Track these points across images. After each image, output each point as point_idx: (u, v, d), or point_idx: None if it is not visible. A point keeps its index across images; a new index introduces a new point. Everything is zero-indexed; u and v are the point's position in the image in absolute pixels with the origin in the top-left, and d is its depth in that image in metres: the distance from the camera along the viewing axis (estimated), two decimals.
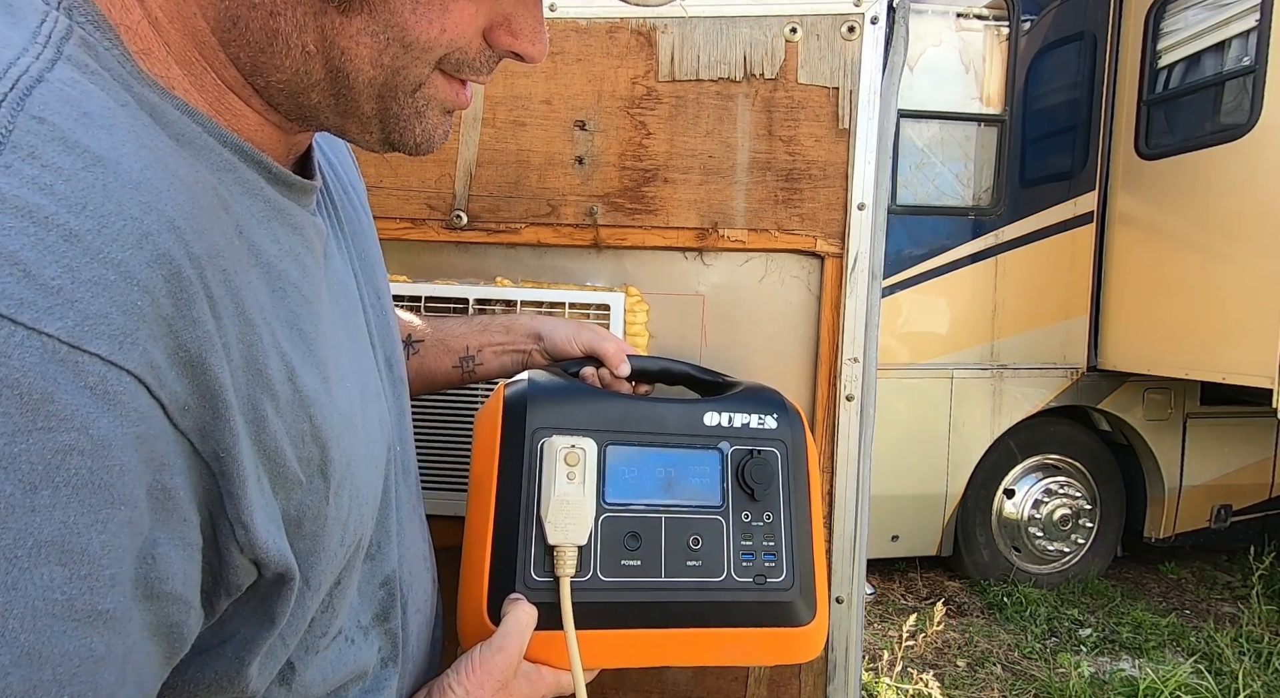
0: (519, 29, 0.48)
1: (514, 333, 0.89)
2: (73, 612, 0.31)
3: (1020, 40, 3.69)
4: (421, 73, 0.46)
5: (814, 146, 1.04)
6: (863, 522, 1.05)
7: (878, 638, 3.38)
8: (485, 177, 1.08)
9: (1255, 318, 3.06)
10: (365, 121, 0.47)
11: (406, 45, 0.44)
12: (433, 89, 0.47)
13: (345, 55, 0.43)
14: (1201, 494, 4.00)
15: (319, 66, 0.43)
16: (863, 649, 1.24)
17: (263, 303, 0.43)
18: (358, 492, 0.50)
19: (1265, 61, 3.10)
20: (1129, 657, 3.38)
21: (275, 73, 0.44)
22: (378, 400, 0.58)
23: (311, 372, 0.46)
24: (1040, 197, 3.78)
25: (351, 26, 0.42)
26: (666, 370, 0.89)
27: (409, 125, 0.48)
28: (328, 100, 0.45)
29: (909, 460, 3.71)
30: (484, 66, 0.49)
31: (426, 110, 0.48)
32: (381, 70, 0.44)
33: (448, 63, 0.47)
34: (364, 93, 0.45)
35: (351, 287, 0.59)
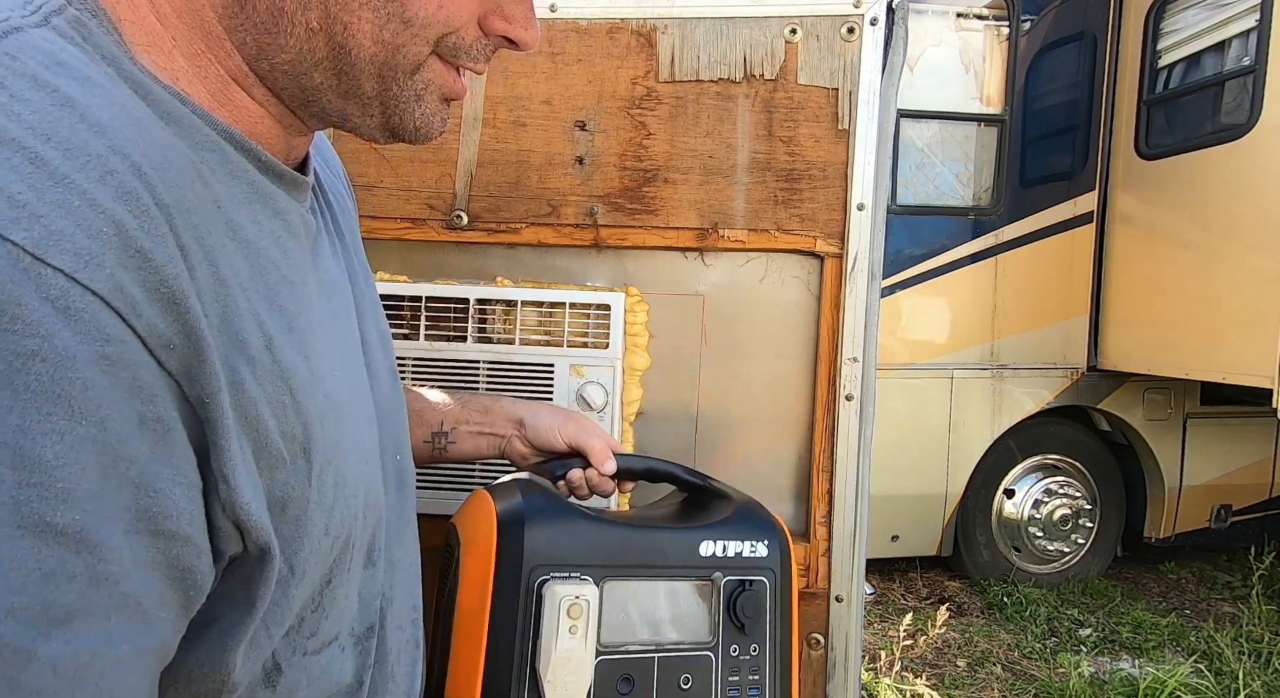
0: (511, 15, 0.50)
1: (493, 415, 0.86)
2: (19, 518, 0.31)
3: (1020, 40, 3.69)
4: (420, 52, 0.47)
5: (814, 147, 1.04)
6: (862, 522, 1.05)
7: (878, 638, 3.38)
8: (486, 176, 1.09)
9: (1255, 318, 3.06)
10: (367, 102, 0.48)
11: (406, 21, 0.45)
12: (431, 73, 0.49)
13: (348, 31, 0.44)
14: (1201, 494, 4.00)
15: (322, 44, 0.45)
16: (862, 649, 1.24)
17: (239, 271, 0.42)
18: (344, 481, 0.49)
19: (1265, 61, 3.10)
20: (1129, 657, 3.38)
21: (280, 53, 0.45)
22: (368, 401, 0.57)
23: (292, 347, 0.45)
24: (1040, 196, 3.78)
25: (354, 2, 0.44)
26: (652, 470, 0.88)
27: (409, 108, 0.49)
28: (330, 80, 0.46)
29: (909, 460, 3.71)
30: (480, 53, 0.50)
31: (425, 94, 0.49)
32: (382, 47, 0.45)
33: (444, 47, 0.48)
34: (365, 70, 0.46)
35: (346, 291, 0.58)
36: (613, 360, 1.06)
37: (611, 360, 1.06)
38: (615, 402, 1.06)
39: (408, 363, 1.06)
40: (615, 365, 1.06)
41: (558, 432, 0.85)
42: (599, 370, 1.06)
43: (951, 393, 3.72)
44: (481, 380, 1.06)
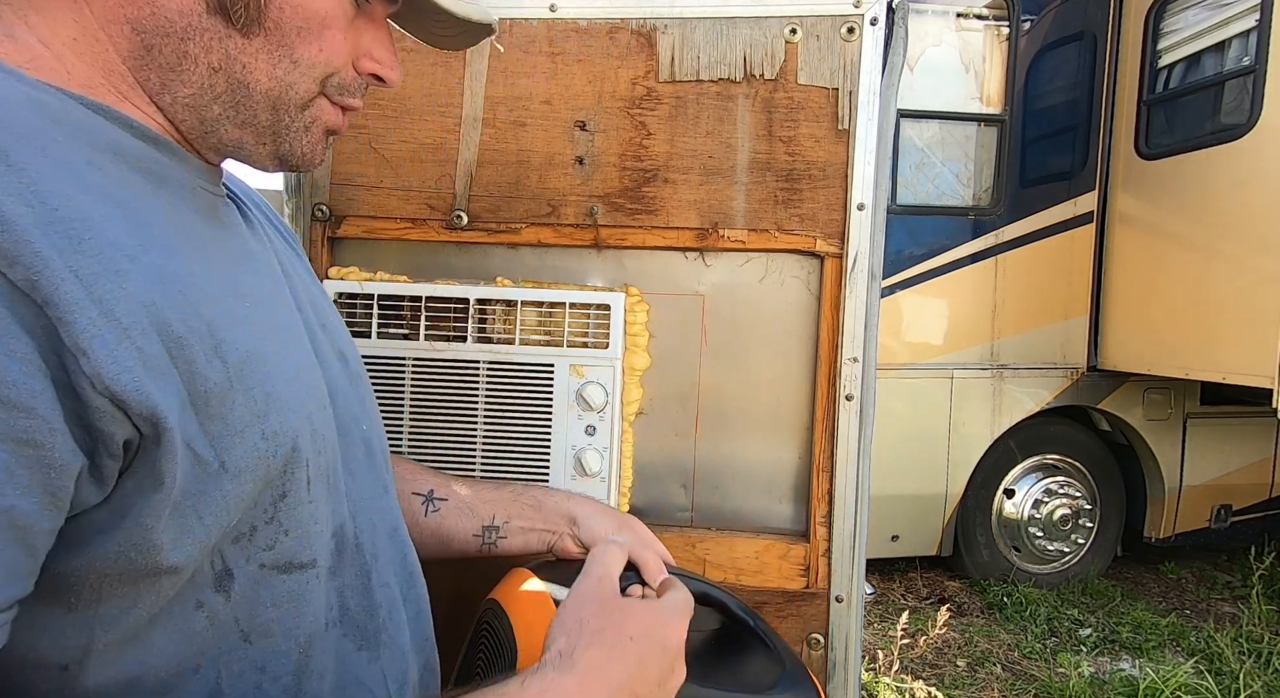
0: (380, 58, 0.59)
1: (546, 511, 0.86)
2: None
3: (1020, 40, 3.69)
4: (308, 89, 0.55)
5: (814, 147, 1.04)
6: (862, 522, 1.05)
7: (878, 638, 3.38)
8: (485, 176, 1.09)
9: (1255, 318, 3.06)
10: (261, 132, 0.55)
11: (294, 61, 0.54)
12: (319, 111, 0.57)
13: (246, 69, 0.52)
14: (1201, 494, 4.00)
15: (222, 81, 0.52)
16: (862, 649, 1.24)
17: (118, 195, 0.47)
18: (277, 394, 0.53)
19: (1265, 61, 3.10)
20: (1129, 657, 3.38)
21: (183, 88, 0.52)
22: (305, 350, 0.61)
23: (176, 258, 0.49)
24: (1040, 196, 3.77)
25: (251, 46, 0.52)
26: (706, 595, 0.84)
27: (298, 138, 0.57)
28: (228, 111, 0.54)
29: (909, 460, 3.71)
30: (357, 90, 0.59)
31: (313, 127, 0.57)
32: (276, 82, 0.54)
33: (331, 86, 0.57)
34: (261, 102, 0.54)
35: (270, 264, 0.62)
36: (613, 360, 1.06)
37: (611, 360, 1.06)
38: (615, 402, 1.06)
39: (407, 363, 1.06)
40: (615, 365, 1.06)
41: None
42: (599, 370, 1.06)
43: (951, 393, 3.72)
44: (481, 380, 1.06)
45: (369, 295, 1.07)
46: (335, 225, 1.11)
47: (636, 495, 1.11)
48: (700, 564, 1.07)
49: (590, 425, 1.06)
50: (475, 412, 1.06)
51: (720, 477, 1.11)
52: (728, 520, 1.11)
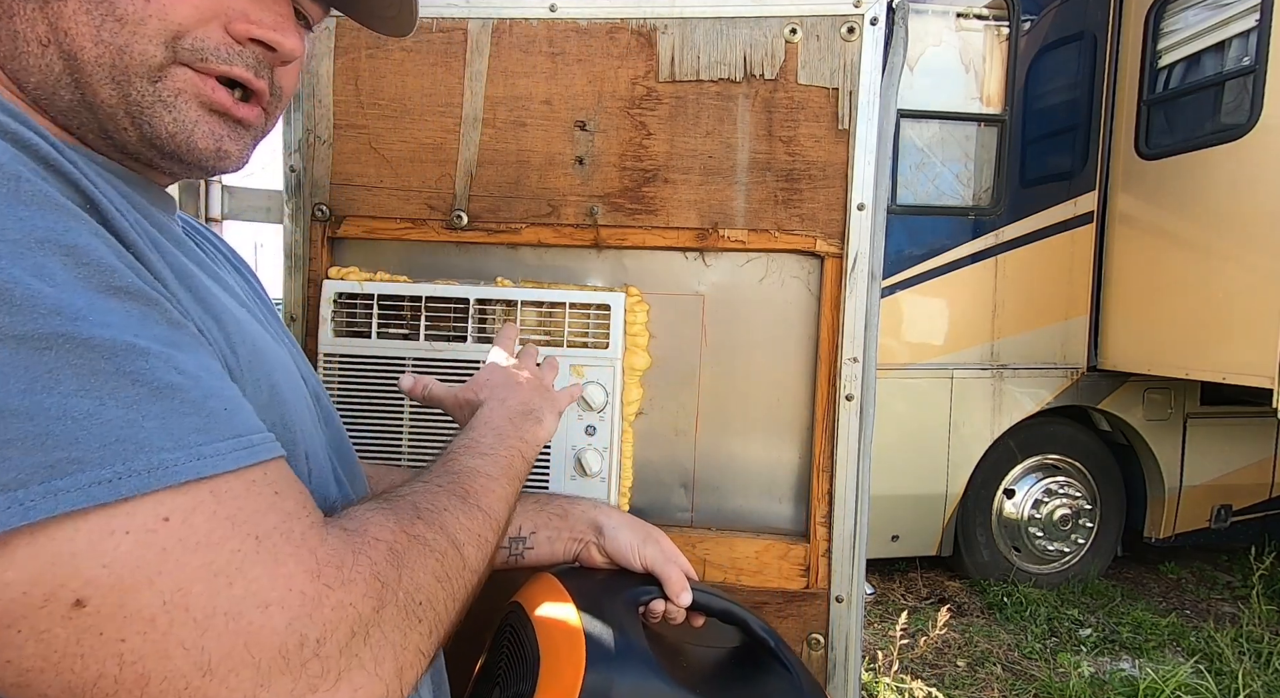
0: (258, 18, 0.52)
1: (572, 519, 0.86)
2: (98, 286, 0.40)
3: (1020, 40, 3.69)
4: (150, 53, 0.48)
5: (814, 147, 1.04)
6: (862, 522, 1.05)
7: (878, 638, 3.38)
8: (485, 177, 1.08)
9: (1255, 318, 3.06)
10: (113, 114, 0.49)
11: (119, 19, 0.47)
12: (178, 81, 0.50)
13: (69, 36, 0.47)
14: (1201, 494, 4.00)
15: (55, 57, 0.47)
16: (862, 649, 1.24)
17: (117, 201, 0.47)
18: (278, 384, 0.54)
19: (1265, 61, 3.10)
20: (1129, 657, 3.38)
21: (29, 77, 0.48)
22: (284, 355, 0.61)
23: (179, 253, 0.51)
24: (1040, 197, 3.77)
25: (68, 8, 0.46)
26: (728, 613, 0.85)
27: (156, 114, 0.50)
28: (75, 95, 0.48)
29: (909, 460, 3.71)
30: (234, 58, 0.51)
31: (176, 101, 0.50)
32: (105, 48, 0.47)
33: (185, 50, 0.49)
34: (95, 74, 0.48)
35: (234, 289, 0.63)
36: (613, 360, 1.06)
37: (611, 360, 1.06)
38: (615, 402, 1.06)
39: (407, 363, 1.06)
40: (615, 365, 1.06)
41: (636, 553, 0.84)
42: (599, 370, 1.06)
43: (951, 393, 3.71)
44: None
45: (369, 295, 1.07)
46: (335, 225, 1.10)
47: (636, 495, 1.11)
48: (700, 564, 1.07)
49: (590, 425, 1.06)
50: None
51: (720, 477, 1.11)
52: (728, 521, 1.11)
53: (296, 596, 0.40)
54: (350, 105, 1.09)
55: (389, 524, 0.49)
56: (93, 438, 0.35)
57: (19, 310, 0.35)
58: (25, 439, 0.34)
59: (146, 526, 0.36)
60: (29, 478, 0.34)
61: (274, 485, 0.43)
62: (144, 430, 0.37)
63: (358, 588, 0.43)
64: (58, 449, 0.34)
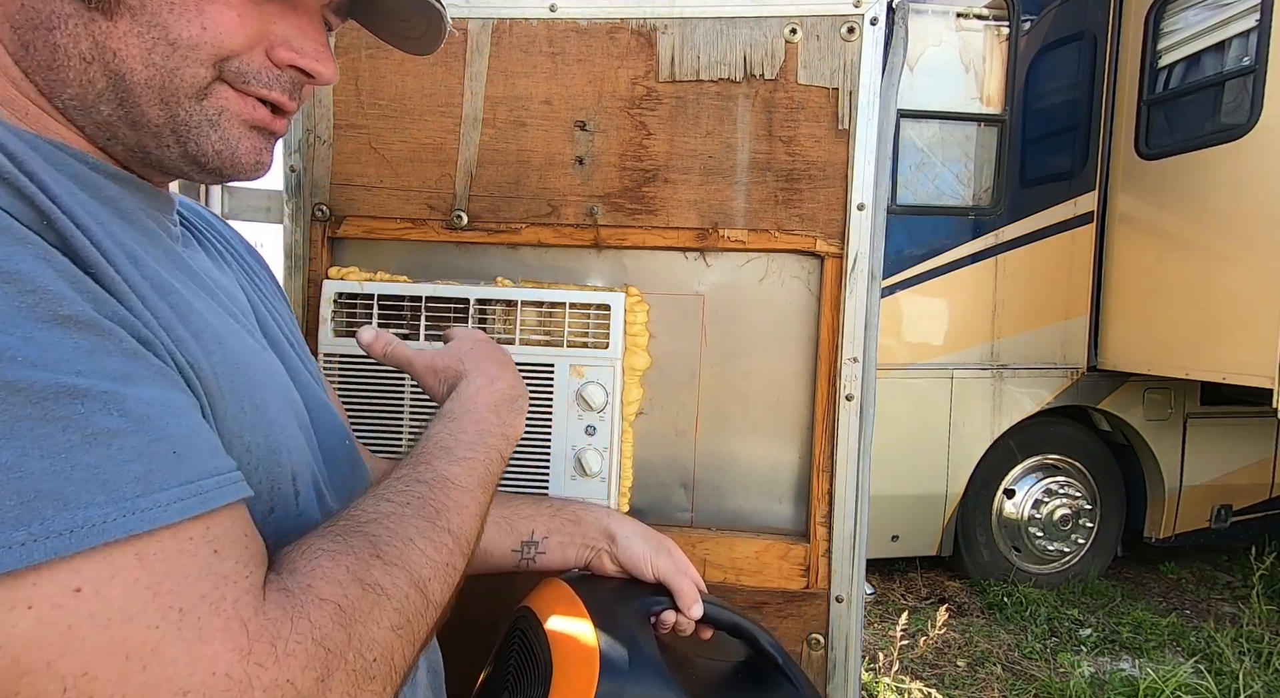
0: (300, 48, 0.52)
1: (585, 526, 0.86)
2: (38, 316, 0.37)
3: (1020, 40, 3.69)
4: (198, 75, 0.48)
5: (814, 147, 1.04)
6: (862, 522, 1.05)
7: (878, 638, 3.38)
8: (485, 177, 1.08)
9: (1255, 318, 3.06)
10: (158, 132, 0.49)
11: (172, 43, 0.47)
12: (223, 101, 0.50)
13: (118, 57, 0.46)
14: (1201, 494, 4.00)
15: (99, 73, 0.47)
16: (862, 649, 1.24)
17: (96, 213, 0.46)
18: (262, 403, 0.52)
19: (1265, 61, 3.10)
20: (1129, 657, 3.37)
21: (65, 89, 0.47)
22: (278, 370, 0.60)
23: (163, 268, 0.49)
24: (1040, 197, 3.77)
25: (118, 29, 0.46)
26: (737, 626, 0.85)
27: (203, 134, 0.50)
28: (117, 111, 0.48)
29: (909, 460, 3.71)
30: (274, 82, 0.52)
31: (221, 120, 0.51)
32: (155, 70, 0.47)
33: (230, 72, 0.50)
34: (144, 96, 0.48)
35: (234, 289, 0.61)
36: (613, 360, 1.06)
37: (611, 360, 1.06)
38: (615, 402, 1.06)
39: None
40: (615, 365, 1.06)
41: (649, 563, 0.83)
42: (599, 370, 1.06)
43: (951, 393, 3.71)
44: None
45: (369, 295, 1.07)
46: (335, 225, 1.10)
47: (636, 495, 1.11)
48: (700, 564, 1.07)
49: (590, 425, 1.06)
50: None
51: (720, 477, 1.11)
52: (728, 521, 1.11)
53: (221, 679, 0.36)
54: (350, 105, 1.09)
55: (338, 575, 0.45)
56: (8, 494, 0.32)
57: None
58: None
59: (53, 599, 0.33)
60: None
61: (214, 542, 0.39)
62: (70, 483, 0.34)
63: (296, 662, 0.39)
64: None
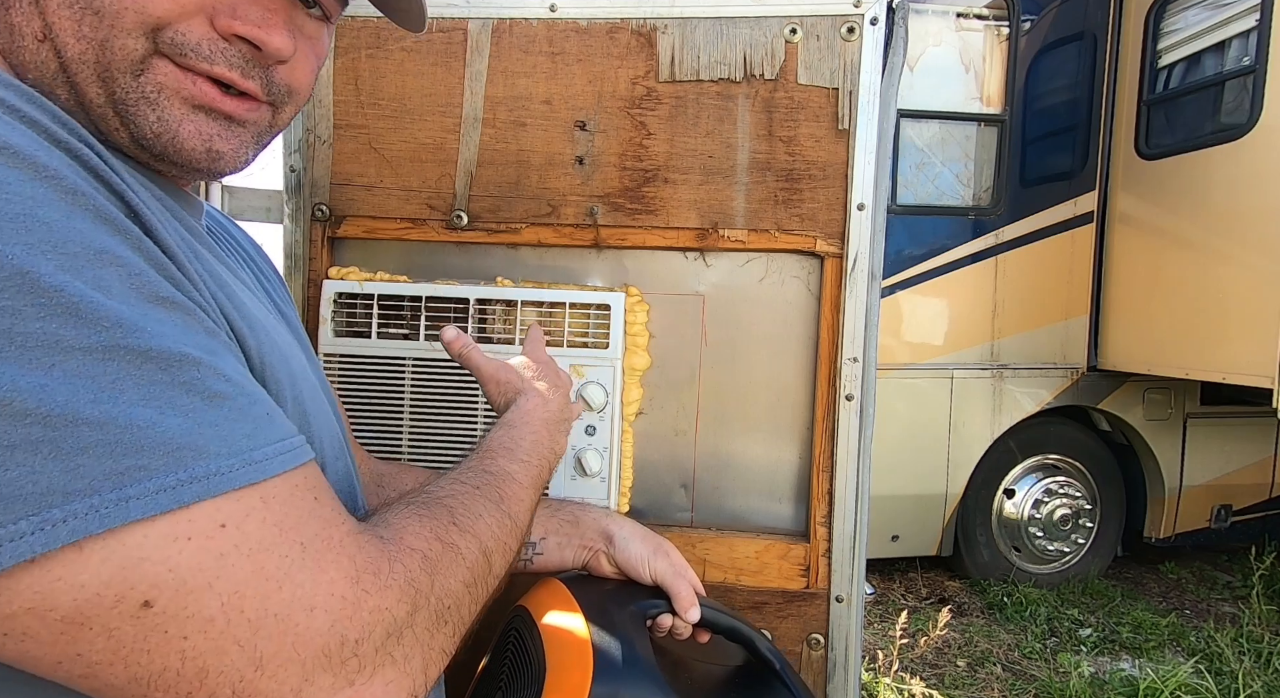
0: (244, 14, 0.49)
1: (583, 526, 0.86)
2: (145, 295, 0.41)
3: (1020, 40, 3.69)
4: (130, 47, 0.47)
5: (814, 147, 1.04)
6: (862, 522, 1.05)
7: (878, 638, 3.38)
8: (485, 176, 1.08)
9: (1255, 318, 3.06)
10: (103, 114, 0.48)
11: (96, 12, 0.46)
12: (160, 76, 0.48)
13: (54, 31, 0.46)
14: (1201, 494, 4.00)
15: (50, 53, 0.46)
16: (862, 649, 1.24)
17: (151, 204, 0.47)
18: (301, 395, 0.54)
19: (1265, 61, 3.10)
20: (1129, 657, 3.37)
21: (26, 72, 0.47)
22: (304, 365, 0.61)
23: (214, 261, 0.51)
24: (1040, 197, 3.77)
25: (52, 2, 0.46)
26: (735, 630, 0.84)
27: (139, 111, 0.48)
28: (69, 94, 0.47)
29: (909, 460, 3.71)
30: (216, 55, 0.49)
31: (159, 98, 0.48)
32: (87, 43, 0.46)
33: (166, 43, 0.47)
34: (81, 72, 0.46)
35: (259, 291, 0.63)
36: (613, 360, 1.06)
37: (611, 360, 1.06)
38: (615, 402, 1.06)
39: (407, 363, 1.06)
40: (615, 365, 1.06)
41: (646, 565, 0.83)
42: (599, 370, 1.06)
43: (951, 393, 3.71)
44: None
45: (369, 295, 1.07)
46: (335, 225, 1.10)
47: (636, 496, 1.11)
48: (700, 564, 1.07)
49: (590, 425, 1.06)
50: (475, 412, 1.06)
51: (720, 477, 1.11)
52: (728, 521, 1.11)
53: (338, 600, 0.43)
54: (350, 105, 1.09)
55: (424, 532, 0.52)
56: (157, 446, 0.37)
57: (85, 323, 0.37)
58: (95, 447, 0.36)
59: (206, 532, 0.39)
60: (101, 485, 0.35)
61: (313, 490, 0.45)
62: (202, 438, 0.39)
63: (393, 594, 0.46)
64: (126, 457, 0.36)
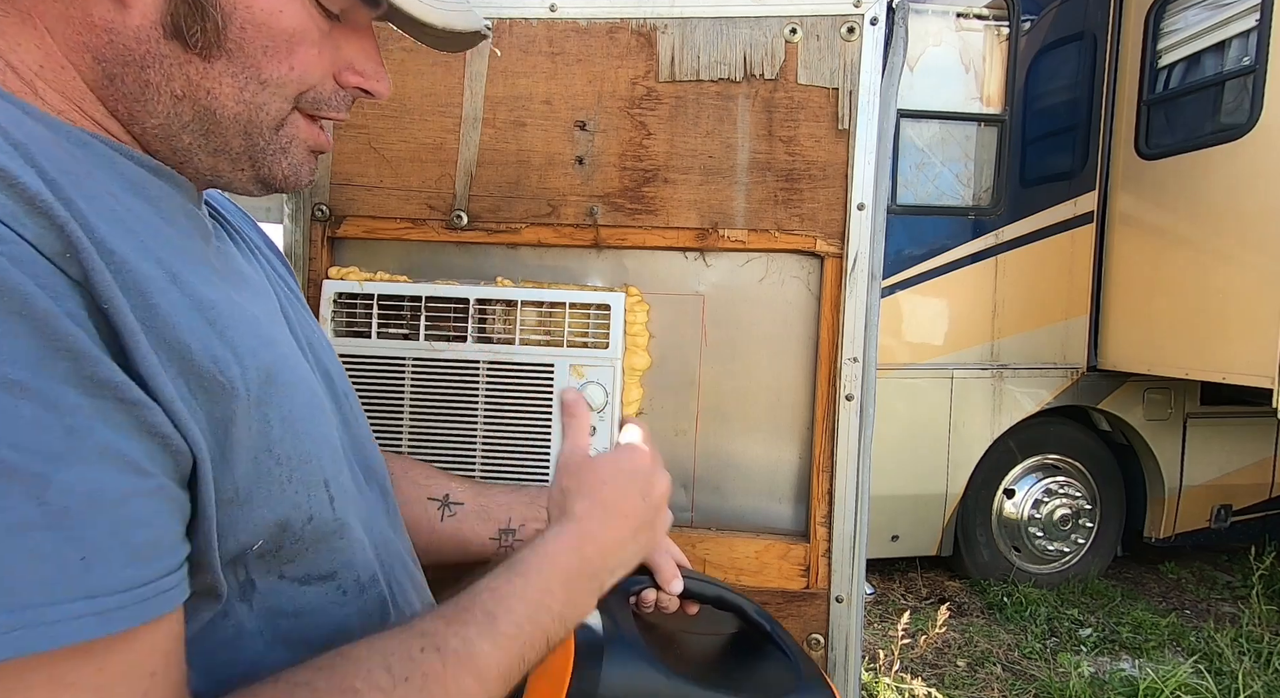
0: (363, 69, 0.56)
1: None
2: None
3: (1020, 40, 3.69)
4: (281, 109, 0.52)
5: (814, 147, 1.04)
6: (862, 522, 1.05)
7: (878, 638, 3.38)
8: (485, 176, 1.08)
9: (1255, 318, 3.06)
10: (236, 158, 0.53)
11: (263, 82, 0.50)
12: (295, 129, 0.54)
13: (210, 95, 0.49)
14: (1201, 494, 4.00)
15: (188, 109, 0.49)
16: (862, 649, 1.24)
17: (135, 226, 0.46)
18: (293, 417, 0.51)
19: (1265, 61, 3.10)
20: (1129, 657, 3.38)
21: (150, 119, 0.49)
22: (305, 365, 0.60)
23: (203, 284, 0.49)
24: (1040, 196, 3.77)
25: (214, 70, 0.49)
26: (721, 599, 0.83)
27: (276, 160, 0.54)
28: (199, 140, 0.51)
29: (909, 460, 3.71)
30: (340, 104, 0.56)
31: (291, 147, 0.54)
32: (244, 106, 0.51)
33: (305, 101, 0.54)
34: (231, 128, 0.51)
35: (267, 292, 0.62)
36: (613, 360, 1.06)
37: (611, 360, 1.06)
38: (615, 402, 1.06)
39: (407, 363, 1.06)
40: (615, 365, 1.06)
41: None
42: (599, 370, 1.06)
43: (951, 393, 3.71)
44: (481, 381, 1.06)
45: (369, 295, 1.07)
46: (335, 225, 1.11)
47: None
48: (700, 564, 1.07)
49: (590, 426, 1.06)
50: (475, 412, 1.06)
51: (720, 477, 1.11)
52: (728, 521, 1.11)
53: None
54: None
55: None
56: None
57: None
58: None
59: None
60: None
61: (103, 676, 0.36)
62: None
63: None
64: None
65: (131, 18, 0.46)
